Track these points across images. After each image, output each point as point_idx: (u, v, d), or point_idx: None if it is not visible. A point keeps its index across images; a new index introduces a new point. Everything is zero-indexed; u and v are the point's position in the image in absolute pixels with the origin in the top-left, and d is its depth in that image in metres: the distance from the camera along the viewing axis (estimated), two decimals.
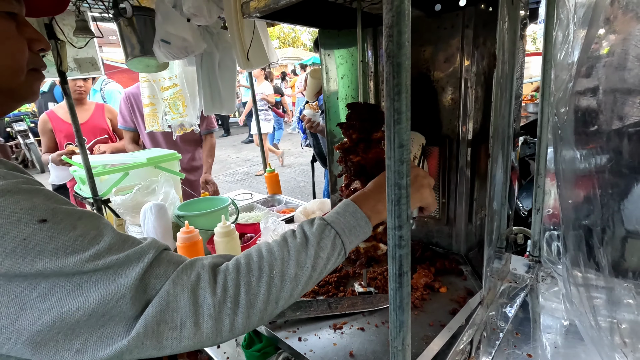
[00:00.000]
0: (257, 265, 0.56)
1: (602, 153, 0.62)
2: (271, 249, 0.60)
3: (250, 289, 0.54)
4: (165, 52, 1.30)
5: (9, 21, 0.54)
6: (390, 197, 0.40)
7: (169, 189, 1.59)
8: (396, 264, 0.42)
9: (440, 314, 0.88)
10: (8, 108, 0.60)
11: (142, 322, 0.46)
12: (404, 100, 0.37)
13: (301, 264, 0.58)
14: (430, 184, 0.78)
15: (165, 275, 0.50)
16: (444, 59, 1.04)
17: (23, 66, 0.57)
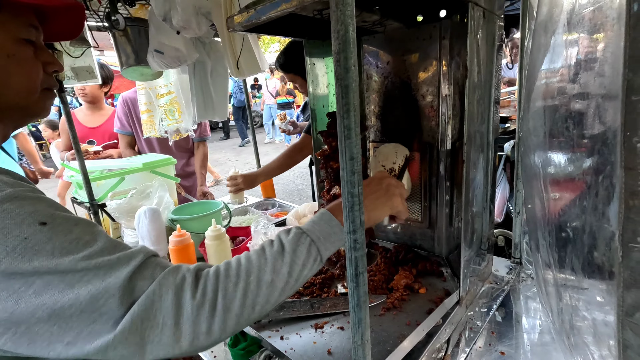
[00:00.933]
0: (235, 272, 0.59)
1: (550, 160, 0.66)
2: (249, 257, 0.63)
3: (227, 294, 0.56)
4: (159, 62, 1.35)
5: (27, 46, 0.61)
6: (345, 204, 0.44)
7: (164, 193, 1.64)
8: (352, 265, 0.46)
9: (417, 314, 0.92)
10: (21, 123, 0.67)
11: (127, 318, 0.49)
12: (352, 118, 0.41)
13: (277, 271, 0.61)
14: (402, 194, 0.81)
15: (151, 277, 0.53)
16: (424, 68, 1.08)
17: (37, 86, 0.63)
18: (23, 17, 0.61)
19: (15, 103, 0.61)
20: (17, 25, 0.59)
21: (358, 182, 0.43)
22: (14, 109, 0.62)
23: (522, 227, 1.27)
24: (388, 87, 1.18)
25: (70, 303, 0.47)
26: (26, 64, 0.61)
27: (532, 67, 0.73)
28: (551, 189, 0.61)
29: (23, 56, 0.60)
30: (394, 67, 1.15)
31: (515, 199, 1.25)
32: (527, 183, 0.72)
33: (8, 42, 0.58)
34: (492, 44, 1.00)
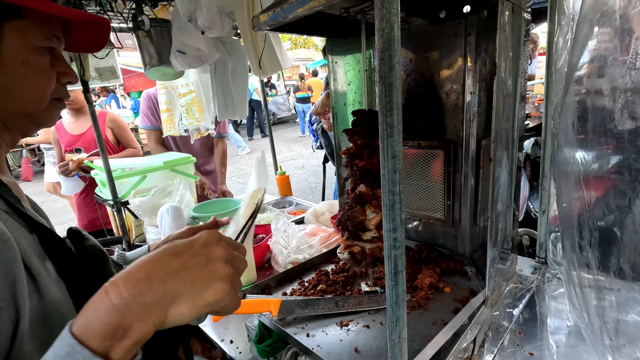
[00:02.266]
0: None
1: (595, 157, 0.65)
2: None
3: None
4: (181, 62, 1.37)
5: (45, 55, 0.61)
6: (385, 202, 0.44)
7: (185, 191, 1.66)
8: (391, 263, 0.46)
9: (443, 313, 0.91)
10: (28, 131, 0.66)
11: None
12: (396, 116, 0.41)
13: None
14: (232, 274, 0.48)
15: None
16: (448, 65, 1.07)
17: (47, 96, 0.62)
18: (47, 27, 0.60)
19: (23, 110, 0.60)
20: (38, 34, 0.59)
21: (399, 181, 0.43)
22: (21, 116, 0.61)
23: (547, 226, 1.25)
24: (411, 85, 1.17)
25: None
26: (40, 72, 0.60)
27: (572, 62, 0.71)
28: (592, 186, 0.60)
29: (38, 65, 0.59)
30: (417, 65, 1.14)
31: (541, 198, 1.22)
32: (561, 180, 0.70)
33: (25, 49, 0.58)
34: (519, 39, 0.98)
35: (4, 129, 0.62)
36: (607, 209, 0.58)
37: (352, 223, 0.89)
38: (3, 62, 0.56)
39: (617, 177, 0.62)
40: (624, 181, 0.60)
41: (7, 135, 0.63)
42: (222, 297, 0.46)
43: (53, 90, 0.63)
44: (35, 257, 0.56)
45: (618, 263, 0.65)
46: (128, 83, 9.67)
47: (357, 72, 1.26)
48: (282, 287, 1.10)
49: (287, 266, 1.33)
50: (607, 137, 0.63)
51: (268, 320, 0.93)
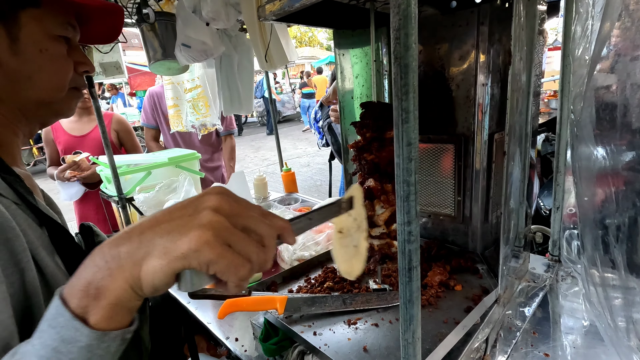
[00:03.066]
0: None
1: (621, 150, 0.61)
2: None
3: None
4: (186, 56, 1.35)
5: (62, 44, 0.60)
6: (399, 193, 0.42)
7: (190, 187, 1.65)
8: (406, 258, 0.44)
9: (454, 312, 0.88)
10: (47, 121, 0.66)
11: None
12: (412, 100, 0.38)
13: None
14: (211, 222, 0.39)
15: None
16: (459, 57, 1.04)
17: (65, 84, 0.62)
18: (63, 15, 0.60)
19: (42, 99, 0.60)
20: (55, 22, 0.59)
21: (415, 170, 0.41)
22: (39, 105, 0.61)
23: (561, 223, 1.21)
24: (421, 77, 1.14)
25: None
26: (58, 61, 0.60)
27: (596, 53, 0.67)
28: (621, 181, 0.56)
29: (56, 53, 0.59)
30: (427, 56, 1.10)
31: (555, 194, 1.18)
32: (583, 175, 0.67)
33: (43, 37, 0.57)
34: (533, 28, 0.94)
35: (22, 118, 0.61)
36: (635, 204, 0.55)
37: None
38: (21, 50, 0.56)
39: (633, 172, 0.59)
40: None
41: (24, 124, 0.62)
42: (198, 247, 0.37)
43: (71, 80, 0.63)
44: (43, 249, 0.55)
45: None
46: (134, 82, 9.74)
47: (365, 65, 1.23)
48: (288, 284, 1.07)
49: (293, 263, 1.31)
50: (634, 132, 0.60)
51: (274, 318, 0.91)
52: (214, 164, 2.39)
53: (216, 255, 0.38)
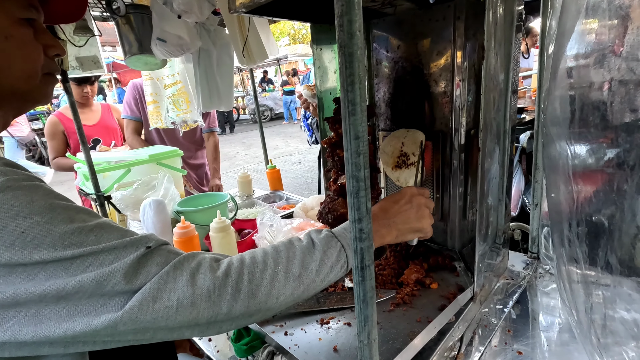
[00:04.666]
0: (261, 259, 0.58)
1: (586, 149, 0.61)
2: (277, 247, 0.61)
3: (253, 278, 0.55)
4: (162, 50, 1.32)
5: (27, 27, 0.57)
6: (349, 189, 0.40)
7: (169, 185, 1.62)
8: (358, 257, 0.42)
9: (428, 310, 0.87)
10: (22, 110, 0.63)
11: (138, 297, 0.47)
12: (358, 91, 0.36)
13: (306, 266, 0.59)
14: (430, 208, 0.78)
15: (165, 263, 0.51)
16: (437, 52, 1.02)
17: (38, 70, 0.59)
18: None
19: (16, 88, 0.58)
20: (16, 4, 0.56)
21: (364, 165, 0.39)
22: (14, 95, 0.59)
23: (539, 220, 1.21)
24: (399, 73, 1.12)
25: (75, 290, 0.45)
26: (26, 46, 0.57)
27: (556, 52, 0.67)
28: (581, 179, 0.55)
29: (22, 38, 0.56)
30: (404, 52, 1.09)
31: (533, 191, 1.18)
32: (550, 172, 0.66)
33: (6, 22, 0.55)
34: (511, 24, 0.93)
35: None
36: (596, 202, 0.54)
37: (333, 216, 0.85)
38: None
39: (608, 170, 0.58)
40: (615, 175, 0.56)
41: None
42: (426, 227, 0.76)
43: (43, 65, 0.60)
44: None
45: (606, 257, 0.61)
46: (124, 78, 9.59)
47: None
48: None
49: None
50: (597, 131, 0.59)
51: None
52: (198, 161, 2.35)
53: (430, 229, 0.78)
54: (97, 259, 0.47)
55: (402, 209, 0.74)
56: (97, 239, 0.48)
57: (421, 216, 0.75)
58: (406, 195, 0.76)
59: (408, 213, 0.73)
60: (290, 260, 0.59)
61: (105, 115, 2.34)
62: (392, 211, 0.73)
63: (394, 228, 0.71)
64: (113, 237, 0.49)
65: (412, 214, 0.74)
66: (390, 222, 0.72)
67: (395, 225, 0.72)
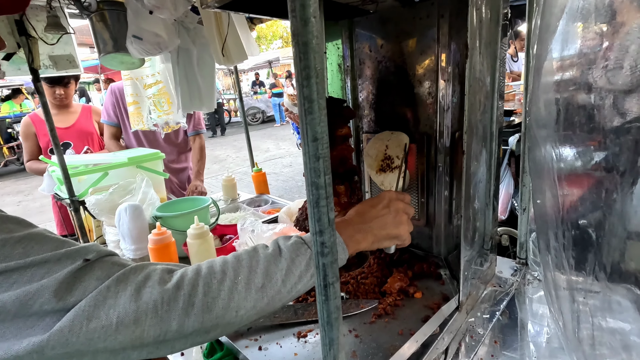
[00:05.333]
0: (220, 269, 0.53)
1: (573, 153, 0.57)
2: (239, 256, 0.57)
3: (209, 290, 0.50)
4: (138, 48, 1.26)
5: None
6: (309, 198, 0.35)
7: (148, 189, 1.55)
8: (320, 274, 0.37)
9: (411, 322, 0.83)
10: None
11: (69, 316, 0.42)
12: (314, 86, 0.32)
13: (270, 276, 0.55)
14: (409, 214, 0.74)
15: (107, 276, 0.46)
16: (421, 52, 0.99)
17: None
18: None
19: None
20: None
21: (324, 170, 0.34)
22: None
23: (528, 224, 1.18)
24: (382, 73, 1.08)
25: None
26: None
27: (540, 52, 0.63)
28: (567, 184, 0.52)
29: None
30: (388, 51, 1.05)
31: (521, 195, 1.15)
32: (535, 177, 0.63)
33: None
34: (497, 22, 0.90)
35: None
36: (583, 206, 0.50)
37: None
38: None
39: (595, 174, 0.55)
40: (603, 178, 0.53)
41: None
42: (404, 234, 0.72)
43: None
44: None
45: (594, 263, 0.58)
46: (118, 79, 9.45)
47: (329, 64, 1.18)
48: None
49: None
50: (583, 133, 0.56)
51: None
52: (181, 165, 2.27)
53: (408, 236, 0.73)
54: (23, 275, 0.42)
55: (379, 214, 0.70)
56: (25, 252, 0.43)
57: (399, 222, 0.70)
58: (384, 200, 0.72)
59: (385, 218, 0.69)
60: (253, 269, 0.54)
61: (82, 118, 2.23)
62: (368, 215, 0.69)
63: (369, 233, 0.67)
64: (45, 249, 0.44)
65: (389, 219, 0.69)
66: (366, 227, 0.68)
67: (372, 231, 0.68)
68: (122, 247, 1.41)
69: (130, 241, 1.38)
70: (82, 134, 2.19)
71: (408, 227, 0.73)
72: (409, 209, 0.75)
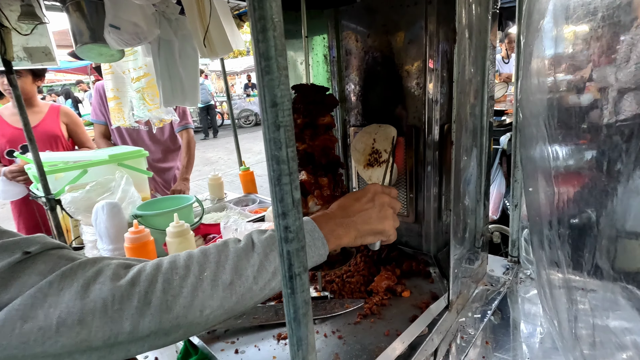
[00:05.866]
0: (183, 264, 0.48)
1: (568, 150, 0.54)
2: (206, 250, 0.51)
3: (169, 288, 0.45)
4: (116, 38, 1.21)
5: None
6: (270, 175, 0.31)
7: (128, 187, 1.49)
8: (285, 263, 0.33)
9: (398, 322, 0.78)
10: None
11: (0, 316, 0.37)
12: (272, 40, 0.27)
13: (240, 272, 0.50)
14: (395, 209, 0.70)
15: (50, 271, 0.41)
16: (408, 40, 0.95)
17: None
18: None
19: None
20: None
21: (286, 142, 0.30)
22: None
23: (519, 221, 1.14)
24: (369, 64, 1.04)
25: None
26: None
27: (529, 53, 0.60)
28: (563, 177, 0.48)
29: None
30: (375, 41, 1.01)
31: (513, 190, 1.11)
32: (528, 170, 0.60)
33: None
34: (487, 9, 0.87)
35: None
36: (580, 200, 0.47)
37: None
38: None
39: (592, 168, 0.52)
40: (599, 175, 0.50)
41: None
42: (388, 229, 0.67)
43: None
44: None
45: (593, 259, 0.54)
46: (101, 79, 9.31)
47: (317, 54, 1.13)
48: None
49: None
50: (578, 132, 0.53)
51: None
52: (167, 164, 2.20)
53: (393, 232, 0.69)
54: None
55: (363, 208, 0.66)
56: None
57: (384, 217, 0.66)
58: (369, 193, 0.68)
59: (369, 212, 0.65)
60: (221, 264, 0.49)
61: (48, 119, 2.06)
62: (351, 209, 0.65)
63: (352, 228, 0.63)
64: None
65: (373, 213, 0.65)
66: (349, 221, 0.63)
67: (355, 225, 0.63)
68: (99, 247, 1.35)
69: (108, 241, 1.32)
70: (46, 137, 2.01)
71: (393, 223, 0.69)
72: (394, 204, 0.71)
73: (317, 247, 0.59)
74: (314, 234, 0.59)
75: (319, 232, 0.59)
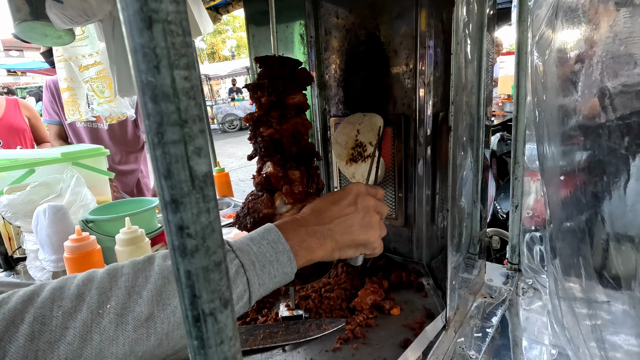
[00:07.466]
0: (75, 291, 0.33)
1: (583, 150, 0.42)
2: (117, 270, 0.37)
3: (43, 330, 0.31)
4: (59, 14, 1.04)
5: None
6: (146, 126, 0.16)
7: (80, 188, 1.31)
8: (184, 294, 0.18)
9: (387, 348, 0.64)
10: None
11: None
12: None
13: (166, 301, 0.36)
14: (382, 214, 0.59)
15: None
16: (396, 14, 0.82)
17: None
18: None
19: None
20: None
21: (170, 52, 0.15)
22: None
23: (520, 225, 1.02)
24: (352, 44, 0.91)
25: None
26: None
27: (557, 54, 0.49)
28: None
29: None
30: (358, 17, 0.88)
31: (513, 189, 0.99)
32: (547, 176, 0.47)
33: None
34: None
35: None
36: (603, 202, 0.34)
37: (254, 219, 0.60)
38: None
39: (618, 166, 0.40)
40: None
41: None
42: (375, 240, 0.56)
43: None
44: None
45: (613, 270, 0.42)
46: None
47: (292, 33, 0.99)
48: None
49: None
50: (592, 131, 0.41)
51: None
52: (129, 166, 1.98)
53: (379, 244, 0.59)
54: None
55: (342, 213, 0.53)
56: None
57: (368, 224, 0.54)
58: (350, 194, 0.55)
59: (350, 219, 0.53)
60: (136, 291, 0.34)
61: (10, 112, 1.97)
62: (328, 214, 0.52)
63: (329, 239, 0.50)
64: None
65: (356, 220, 0.53)
66: (324, 229, 0.50)
67: (332, 235, 0.51)
68: (41, 257, 1.16)
69: (51, 250, 1.13)
70: (12, 130, 1.93)
71: (380, 232, 0.56)
72: (381, 208, 0.58)
73: (282, 263, 0.45)
74: (277, 245, 0.46)
75: (284, 244, 0.46)
